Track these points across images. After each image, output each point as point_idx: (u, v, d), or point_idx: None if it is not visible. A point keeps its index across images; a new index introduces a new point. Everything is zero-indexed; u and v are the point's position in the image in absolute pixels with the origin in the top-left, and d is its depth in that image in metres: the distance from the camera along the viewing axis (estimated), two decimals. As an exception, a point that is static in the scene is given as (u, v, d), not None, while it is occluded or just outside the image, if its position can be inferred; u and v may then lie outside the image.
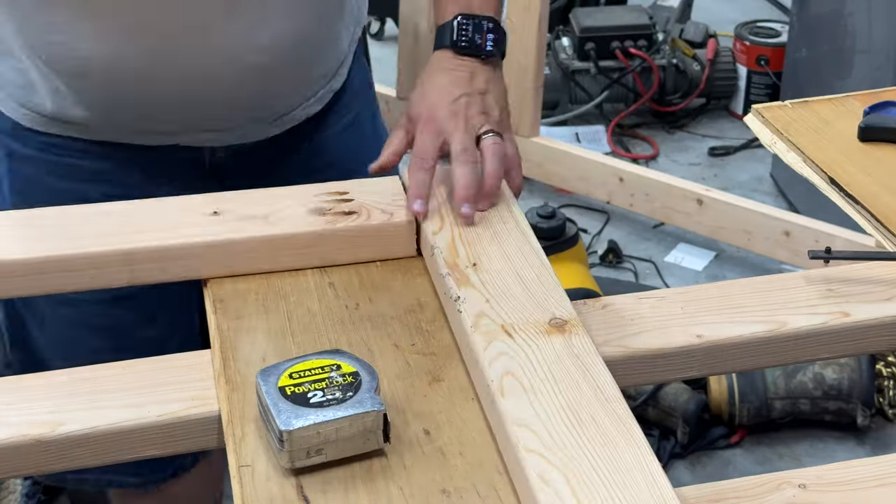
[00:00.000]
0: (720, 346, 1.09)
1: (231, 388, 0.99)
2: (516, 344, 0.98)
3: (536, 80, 3.11)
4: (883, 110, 1.36)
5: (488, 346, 0.98)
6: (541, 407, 0.91)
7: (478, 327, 1.00)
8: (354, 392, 0.92)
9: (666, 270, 3.02)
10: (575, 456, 0.87)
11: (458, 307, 1.04)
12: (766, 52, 3.65)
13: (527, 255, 1.11)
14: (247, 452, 0.93)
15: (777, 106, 1.40)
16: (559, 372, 0.95)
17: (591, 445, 0.88)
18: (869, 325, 1.11)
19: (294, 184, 1.23)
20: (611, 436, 0.89)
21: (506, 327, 1.00)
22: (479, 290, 1.05)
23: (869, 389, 2.41)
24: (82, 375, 1.05)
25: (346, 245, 1.16)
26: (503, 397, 0.92)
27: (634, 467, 0.86)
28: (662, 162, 3.52)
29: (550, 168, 3.21)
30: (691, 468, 2.41)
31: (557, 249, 2.57)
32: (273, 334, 1.06)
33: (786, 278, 1.17)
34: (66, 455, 0.99)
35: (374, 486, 0.90)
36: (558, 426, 0.89)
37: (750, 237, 2.90)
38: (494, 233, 1.14)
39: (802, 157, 1.31)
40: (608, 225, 3.21)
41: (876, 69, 2.84)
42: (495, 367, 0.96)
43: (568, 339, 0.99)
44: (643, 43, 3.61)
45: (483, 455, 0.93)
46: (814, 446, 2.45)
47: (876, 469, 0.96)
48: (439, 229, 1.14)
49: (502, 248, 1.12)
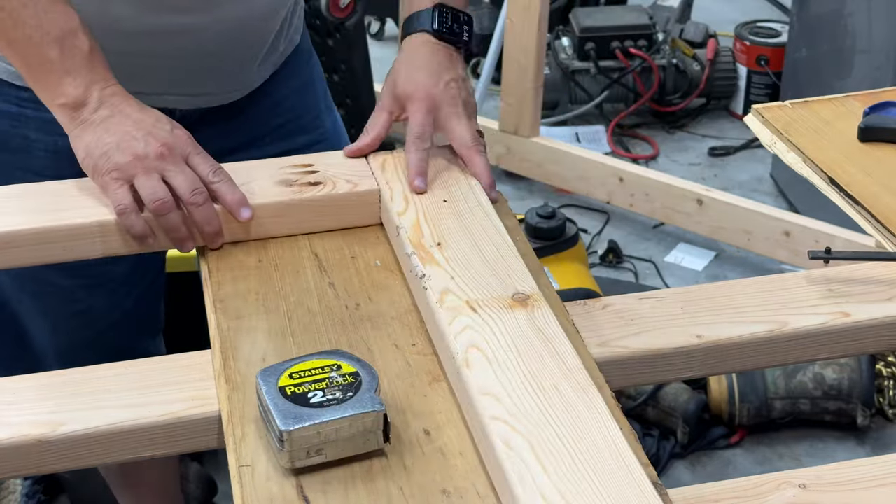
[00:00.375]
0: (720, 346, 1.09)
1: (231, 389, 0.99)
2: (481, 318, 1.01)
3: (536, 80, 3.11)
4: (883, 110, 1.36)
5: (453, 321, 1.00)
6: (505, 377, 0.94)
7: (443, 303, 1.03)
8: (354, 392, 0.92)
9: (666, 270, 3.02)
10: (538, 422, 0.89)
11: (424, 284, 1.06)
12: (766, 52, 3.64)
13: (490, 234, 1.13)
14: (247, 452, 0.93)
15: (777, 106, 1.40)
16: (522, 344, 0.98)
17: (554, 412, 0.90)
18: (869, 326, 1.11)
19: (257, 136, 1.32)
20: (572, 403, 0.91)
21: (470, 303, 1.03)
22: (444, 268, 1.08)
23: (869, 389, 2.41)
24: (83, 376, 1.05)
25: (313, 214, 1.20)
26: (468, 369, 0.95)
27: (595, 431, 0.88)
28: (662, 162, 3.52)
29: (550, 168, 3.21)
30: (691, 468, 2.41)
31: (557, 249, 2.56)
32: (273, 334, 1.06)
33: (786, 278, 1.17)
34: (66, 455, 0.99)
35: (374, 486, 0.90)
36: (522, 395, 0.92)
37: (750, 237, 2.90)
38: (458, 212, 1.17)
39: (802, 158, 1.31)
40: (608, 225, 3.21)
41: (876, 69, 2.83)
42: (460, 340, 0.98)
43: (531, 313, 1.01)
44: (643, 43, 3.60)
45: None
46: (814, 446, 2.45)
47: (876, 469, 0.96)
48: (404, 210, 1.17)
49: (466, 227, 1.14)
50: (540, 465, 0.85)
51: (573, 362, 0.96)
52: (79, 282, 1.46)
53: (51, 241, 1.15)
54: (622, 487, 0.84)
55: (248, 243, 1.19)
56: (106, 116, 1.16)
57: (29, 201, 1.19)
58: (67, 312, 1.49)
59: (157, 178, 1.14)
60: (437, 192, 1.20)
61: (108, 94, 1.17)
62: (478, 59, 3.84)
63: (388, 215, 1.19)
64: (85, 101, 1.16)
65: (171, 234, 1.16)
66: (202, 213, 1.15)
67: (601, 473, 0.85)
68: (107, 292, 1.49)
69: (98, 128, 1.16)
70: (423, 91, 1.24)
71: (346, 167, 1.24)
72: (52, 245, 1.15)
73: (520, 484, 0.84)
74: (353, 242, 1.20)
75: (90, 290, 1.47)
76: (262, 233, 1.19)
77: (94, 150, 1.15)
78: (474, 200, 1.19)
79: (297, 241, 1.20)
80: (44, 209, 1.17)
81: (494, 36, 3.39)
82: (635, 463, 0.86)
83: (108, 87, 1.18)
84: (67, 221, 1.15)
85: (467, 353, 0.97)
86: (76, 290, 1.47)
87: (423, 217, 1.16)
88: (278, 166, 1.24)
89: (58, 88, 1.16)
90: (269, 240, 1.20)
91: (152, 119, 1.17)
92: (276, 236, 1.20)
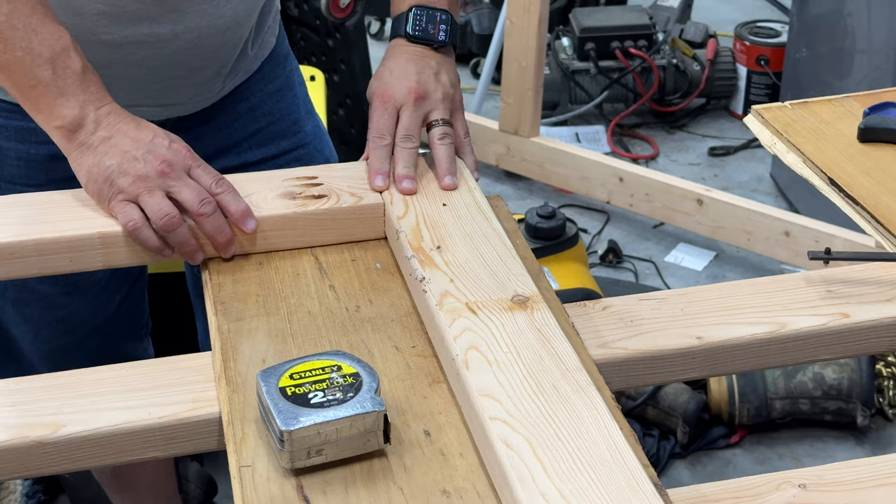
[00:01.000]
0: (720, 347, 1.09)
1: (232, 390, 0.99)
2: (480, 320, 1.01)
3: (536, 80, 3.11)
4: (883, 111, 1.36)
5: (453, 323, 1.01)
6: (504, 378, 0.94)
7: (443, 305, 1.03)
8: (355, 393, 0.92)
9: (666, 270, 3.02)
10: (537, 422, 0.89)
11: (424, 287, 1.06)
12: (766, 52, 3.65)
13: (489, 237, 1.13)
14: (247, 453, 0.93)
15: (777, 106, 1.40)
16: (521, 345, 0.98)
17: (553, 412, 0.91)
18: (869, 326, 1.12)
19: (235, 142, 1.32)
20: (572, 402, 0.91)
21: (470, 305, 1.03)
22: (444, 271, 1.08)
23: (869, 389, 2.41)
24: (84, 377, 1.05)
25: (317, 228, 1.19)
26: (468, 370, 0.95)
27: (595, 430, 0.89)
28: (662, 162, 3.52)
29: (550, 168, 3.21)
30: (691, 468, 2.41)
31: (557, 249, 2.57)
32: (273, 336, 1.06)
33: (786, 279, 1.17)
34: (67, 457, 0.99)
35: (374, 486, 0.90)
36: (522, 396, 0.92)
37: (750, 237, 2.90)
38: (457, 216, 1.17)
39: (802, 158, 1.31)
40: (608, 225, 3.21)
41: (876, 69, 2.84)
42: (460, 342, 0.98)
43: (530, 315, 1.02)
44: (643, 43, 3.61)
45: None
46: (814, 446, 2.45)
47: (876, 469, 0.96)
48: (404, 214, 1.17)
49: (465, 230, 1.14)
50: (540, 464, 0.86)
51: (572, 362, 0.96)
52: (59, 288, 1.45)
53: (54, 251, 1.15)
54: (622, 487, 0.84)
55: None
56: (104, 138, 1.15)
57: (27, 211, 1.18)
58: (48, 319, 1.49)
59: (161, 196, 1.14)
60: (437, 196, 1.20)
61: (104, 114, 1.16)
62: (478, 59, 3.84)
63: (389, 219, 1.19)
64: (81, 123, 1.16)
65: (181, 248, 1.15)
66: (212, 224, 1.15)
67: (601, 473, 0.85)
68: (87, 298, 1.49)
69: (97, 151, 1.15)
70: (380, 90, 1.25)
71: (350, 180, 1.23)
72: (56, 256, 1.15)
73: (520, 484, 0.84)
74: (354, 245, 1.20)
75: (70, 296, 1.47)
76: (265, 246, 1.18)
77: (96, 176, 1.15)
78: (473, 204, 1.19)
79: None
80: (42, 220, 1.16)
81: (494, 36, 3.40)
82: (635, 462, 0.86)
83: (104, 107, 1.17)
84: (68, 233, 1.15)
85: (467, 354, 0.97)
86: (56, 297, 1.46)
87: (422, 221, 1.16)
88: (281, 178, 1.23)
89: (53, 111, 1.15)
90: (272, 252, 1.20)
91: (150, 135, 1.16)
92: (279, 249, 1.19)
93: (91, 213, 1.17)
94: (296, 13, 2.66)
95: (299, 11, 2.66)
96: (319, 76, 2.43)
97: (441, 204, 1.19)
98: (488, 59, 3.43)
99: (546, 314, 1.02)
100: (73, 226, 1.15)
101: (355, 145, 2.74)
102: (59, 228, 1.15)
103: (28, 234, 1.14)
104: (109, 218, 1.16)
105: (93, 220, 1.16)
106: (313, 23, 2.59)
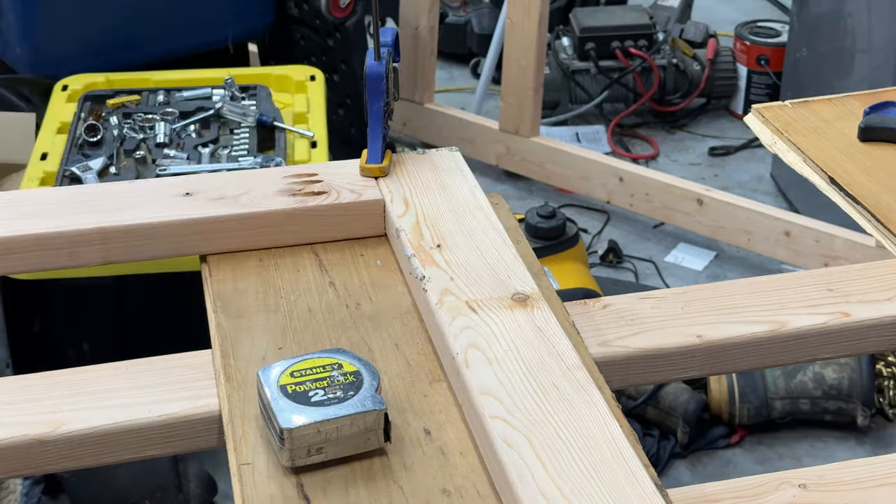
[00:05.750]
0: (720, 346, 1.09)
1: (232, 387, 0.99)
2: (480, 319, 1.01)
3: (536, 79, 3.11)
4: (883, 110, 1.36)
5: (453, 322, 1.01)
6: (504, 376, 0.94)
7: (443, 304, 1.03)
8: (355, 391, 0.92)
9: (666, 270, 3.02)
10: (538, 420, 0.90)
11: (423, 286, 1.06)
12: (766, 51, 3.64)
13: (489, 235, 1.13)
14: (247, 451, 0.93)
15: (777, 106, 1.40)
16: (522, 343, 0.98)
17: (553, 410, 0.91)
18: (869, 325, 1.11)
19: None
20: (572, 401, 0.92)
21: (470, 303, 1.03)
22: (444, 270, 1.08)
23: (869, 389, 2.41)
24: (83, 375, 1.05)
25: (318, 224, 1.19)
26: (468, 369, 0.95)
27: (595, 429, 0.89)
28: (662, 162, 3.52)
29: (550, 168, 3.21)
30: (691, 468, 2.41)
31: (557, 249, 2.57)
32: (273, 333, 1.06)
33: (786, 278, 1.17)
34: (66, 455, 0.99)
35: (374, 485, 0.90)
36: (522, 394, 0.92)
37: (750, 237, 2.90)
38: (457, 214, 1.17)
39: (802, 157, 1.31)
40: (608, 225, 3.21)
41: (876, 69, 2.84)
42: (460, 340, 0.98)
43: (530, 313, 1.02)
44: (643, 43, 3.61)
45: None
46: (814, 446, 2.45)
47: (876, 469, 0.96)
48: (404, 212, 1.17)
49: (465, 228, 1.15)
50: (540, 463, 0.86)
51: (572, 361, 0.96)
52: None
53: (55, 247, 1.15)
54: (622, 485, 0.84)
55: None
56: None
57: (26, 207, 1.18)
58: None
59: None
60: (437, 195, 1.20)
61: None
62: (478, 59, 3.84)
63: (389, 217, 1.19)
64: None
65: None
66: None
67: (601, 472, 0.85)
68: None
69: None
70: None
71: (350, 177, 1.23)
72: (54, 251, 1.15)
73: (520, 482, 0.84)
74: (354, 242, 1.20)
75: None
76: (265, 242, 1.18)
77: None
78: (474, 203, 1.19)
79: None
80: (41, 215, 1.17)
81: (494, 36, 3.40)
82: (635, 461, 0.86)
83: None
84: (68, 227, 1.15)
85: (467, 353, 0.97)
86: None
87: (422, 219, 1.16)
88: (281, 175, 1.24)
89: None
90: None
91: None
92: (279, 246, 1.19)
93: (90, 209, 1.17)
94: (296, 13, 2.66)
95: (299, 11, 2.66)
96: (319, 76, 2.43)
97: (441, 202, 1.19)
98: (488, 58, 3.43)
99: (546, 312, 1.02)
100: (71, 220, 1.16)
101: (355, 145, 2.74)
102: (58, 224, 1.15)
103: (26, 230, 1.14)
104: (108, 214, 1.16)
105: (92, 215, 1.16)
106: (313, 23, 2.59)
